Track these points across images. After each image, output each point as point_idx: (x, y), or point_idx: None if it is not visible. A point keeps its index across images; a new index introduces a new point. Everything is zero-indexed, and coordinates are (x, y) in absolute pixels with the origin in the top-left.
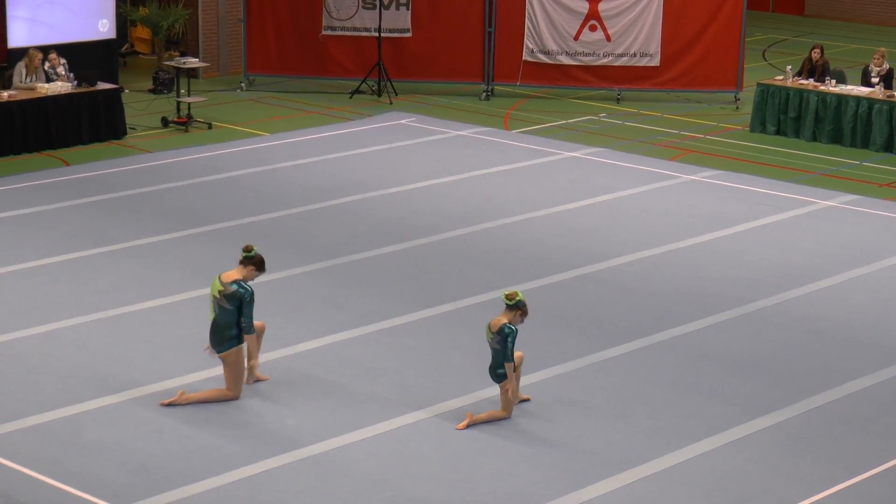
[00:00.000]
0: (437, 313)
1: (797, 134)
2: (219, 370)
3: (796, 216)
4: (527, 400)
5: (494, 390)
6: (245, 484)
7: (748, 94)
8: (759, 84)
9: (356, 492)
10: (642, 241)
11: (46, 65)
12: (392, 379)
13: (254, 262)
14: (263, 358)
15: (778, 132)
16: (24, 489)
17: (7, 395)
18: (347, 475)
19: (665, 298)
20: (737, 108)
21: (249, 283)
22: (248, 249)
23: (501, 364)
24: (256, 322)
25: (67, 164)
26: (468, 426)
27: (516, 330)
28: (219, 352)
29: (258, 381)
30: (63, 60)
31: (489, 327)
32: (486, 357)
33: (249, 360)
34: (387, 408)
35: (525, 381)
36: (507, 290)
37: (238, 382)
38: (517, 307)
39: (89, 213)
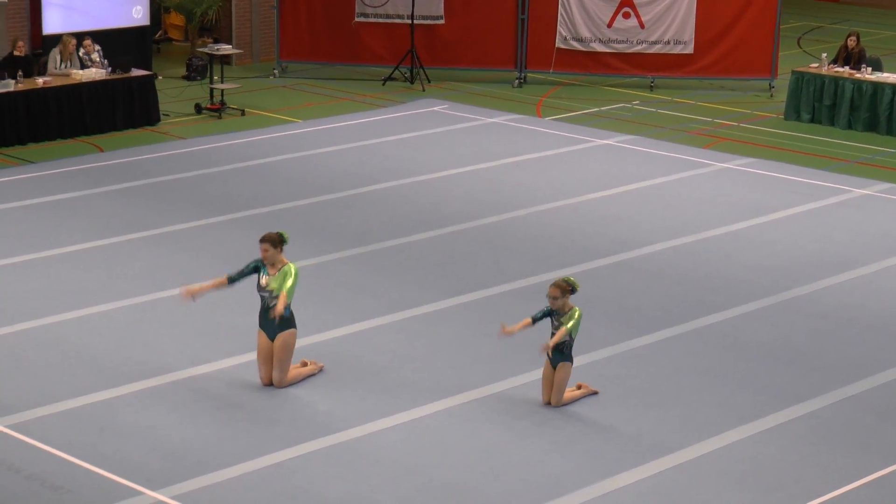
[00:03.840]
0: (469, 300)
1: (832, 122)
2: (249, 357)
3: (831, 204)
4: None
5: (524, 378)
6: (277, 469)
7: (783, 82)
8: (793, 72)
9: (388, 478)
10: (675, 229)
11: (81, 51)
12: (423, 366)
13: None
14: (298, 343)
15: (812, 120)
16: (59, 472)
17: (41, 380)
18: (379, 461)
19: (698, 286)
20: (771, 95)
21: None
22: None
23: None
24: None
25: (101, 151)
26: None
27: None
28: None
29: None
30: (97, 47)
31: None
32: (518, 345)
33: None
34: (418, 394)
35: None
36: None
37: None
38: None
39: (123, 199)
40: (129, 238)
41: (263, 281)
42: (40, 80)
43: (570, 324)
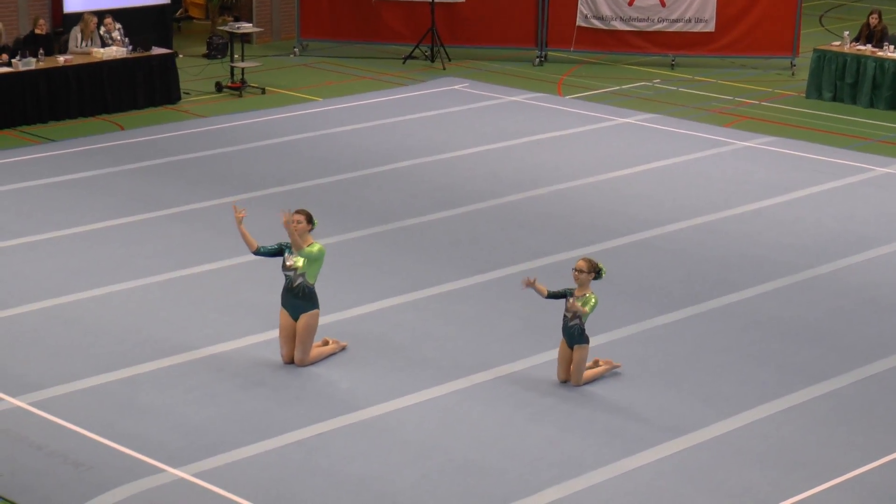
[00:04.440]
0: (489, 279)
1: (854, 100)
2: (270, 335)
3: (852, 183)
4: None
5: (544, 357)
6: (298, 447)
7: (804, 61)
8: (815, 50)
9: (408, 456)
10: (696, 208)
11: (102, 29)
12: (444, 344)
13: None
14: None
15: (834, 98)
16: (81, 450)
17: (64, 358)
18: (399, 440)
19: (719, 265)
20: (792, 74)
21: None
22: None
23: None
24: None
25: (122, 129)
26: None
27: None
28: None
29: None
30: (118, 25)
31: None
32: (537, 323)
33: None
34: (439, 373)
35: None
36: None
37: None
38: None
39: (144, 177)
40: (149, 216)
41: (290, 261)
42: (61, 59)
43: (587, 307)
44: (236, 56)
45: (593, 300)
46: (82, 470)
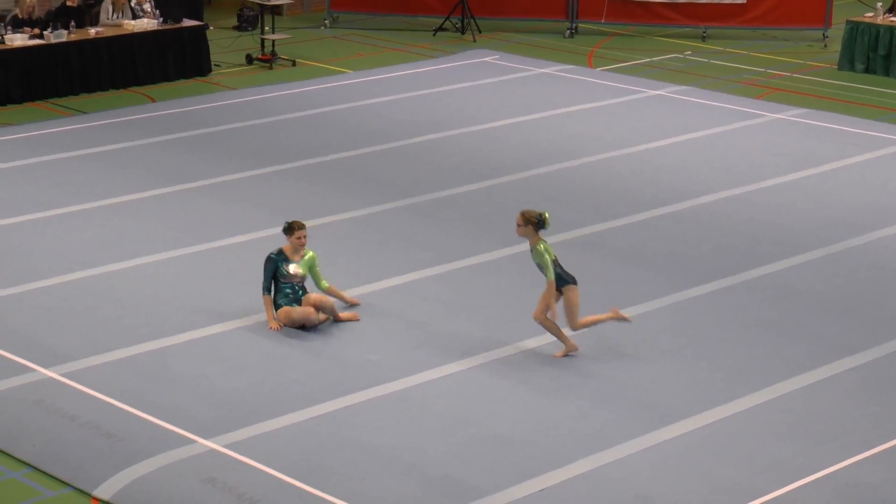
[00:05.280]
0: (519, 251)
1: (886, 72)
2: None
3: (885, 155)
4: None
5: (570, 331)
6: (327, 419)
7: (837, 32)
8: (848, 21)
9: (437, 429)
10: (728, 180)
11: (133, 1)
12: (473, 317)
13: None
14: (345, 295)
15: (867, 70)
16: (113, 420)
17: (96, 329)
18: (429, 412)
19: (750, 237)
20: (825, 45)
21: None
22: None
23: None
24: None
25: (153, 101)
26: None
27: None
28: None
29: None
30: None
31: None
32: None
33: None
34: (468, 345)
35: None
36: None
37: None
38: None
39: (174, 149)
40: (180, 188)
41: (293, 270)
42: (92, 31)
43: (547, 272)
44: (267, 28)
45: (540, 246)
46: (114, 440)
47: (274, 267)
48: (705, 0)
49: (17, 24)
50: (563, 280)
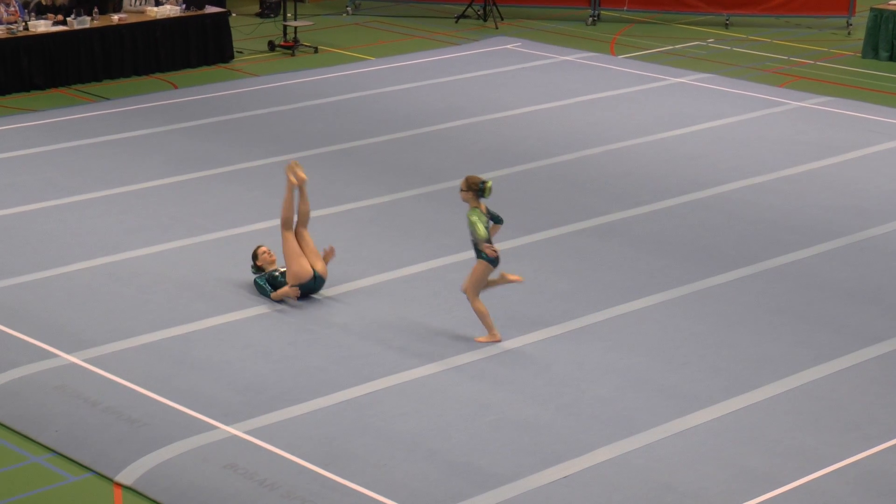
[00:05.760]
0: (542, 238)
1: None
2: (324, 292)
3: None
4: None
5: (599, 316)
6: (350, 405)
7: (860, 20)
8: (872, 9)
9: (461, 414)
10: (750, 168)
11: None
12: (497, 303)
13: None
14: (367, 281)
15: (891, 58)
16: (135, 406)
17: (119, 314)
18: (451, 398)
19: (774, 226)
20: (848, 33)
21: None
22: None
23: None
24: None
25: (176, 88)
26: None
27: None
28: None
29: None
30: None
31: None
32: (591, 282)
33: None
34: None
35: (631, 306)
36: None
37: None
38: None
39: (197, 135)
40: (203, 174)
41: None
42: (115, 17)
43: (475, 235)
44: (289, 15)
45: (473, 216)
46: (137, 426)
47: (265, 284)
48: None
49: (41, 11)
50: (477, 251)
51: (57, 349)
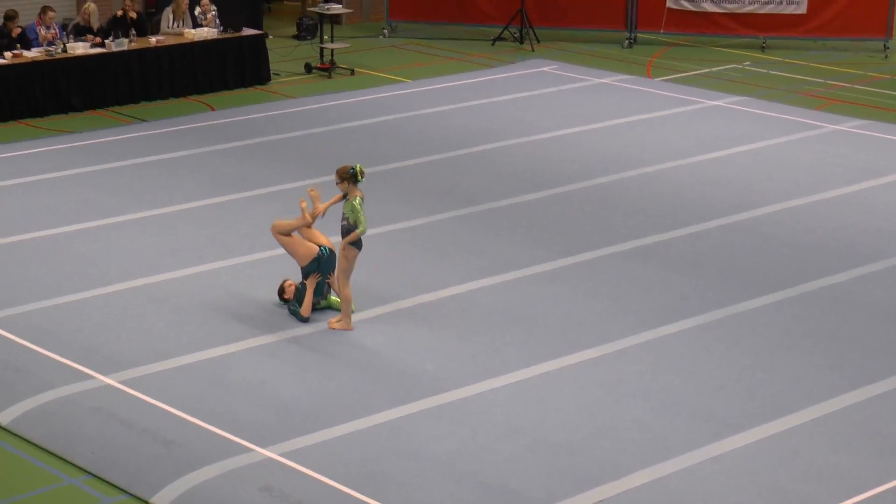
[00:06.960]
0: (578, 261)
1: None
2: (359, 317)
3: None
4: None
5: (635, 339)
6: (385, 428)
7: None
8: None
9: (494, 437)
10: (787, 191)
11: (197, 10)
12: (531, 326)
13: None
14: (402, 304)
15: None
16: (171, 428)
17: (155, 336)
18: (486, 420)
19: (810, 249)
20: (885, 56)
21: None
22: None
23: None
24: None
25: (213, 109)
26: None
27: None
28: None
29: None
30: (214, 8)
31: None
32: (627, 305)
33: None
34: (526, 354)
35: (666, 329)
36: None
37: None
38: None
39: (234, 157)
40: (239, 196)
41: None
42: (153, 39)
43: (360, 224)
44: (326, 37)
45: (356, 201)
46: (172, 447)
47: (297, 307)
48: (765, 10)
49: (79, 32)
50: (354, 242)
51: (93, 371)
